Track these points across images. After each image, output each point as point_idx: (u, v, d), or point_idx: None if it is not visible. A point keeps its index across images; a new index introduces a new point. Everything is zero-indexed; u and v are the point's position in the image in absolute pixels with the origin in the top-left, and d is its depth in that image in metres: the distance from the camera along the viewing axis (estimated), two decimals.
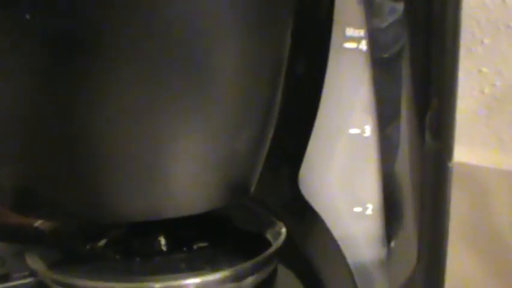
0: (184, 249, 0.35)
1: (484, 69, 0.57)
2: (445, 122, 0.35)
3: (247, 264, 0.31)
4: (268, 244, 0.34)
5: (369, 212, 0.32)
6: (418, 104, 0.34)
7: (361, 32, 0.30)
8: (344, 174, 0.32)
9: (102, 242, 0.35)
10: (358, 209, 0.32)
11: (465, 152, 0.57)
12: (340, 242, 0.33)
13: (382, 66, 0.32)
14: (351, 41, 0.31)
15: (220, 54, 0.27)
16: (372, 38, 0.31)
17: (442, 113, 0.35)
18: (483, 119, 0.58)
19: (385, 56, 0.32)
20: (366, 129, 0.32)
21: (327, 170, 0.32)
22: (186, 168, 0.28)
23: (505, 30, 0.55)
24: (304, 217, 0.33)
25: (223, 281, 0.31)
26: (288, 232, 0.34)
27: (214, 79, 0.27)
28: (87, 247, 0.35)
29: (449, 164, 0.36)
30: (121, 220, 0.30)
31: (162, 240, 0.34)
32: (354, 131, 0.32)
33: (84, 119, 0.27)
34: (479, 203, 0.56)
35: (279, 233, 0.34)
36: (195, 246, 0.35)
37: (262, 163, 0.31)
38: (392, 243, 0.34)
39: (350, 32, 0.30)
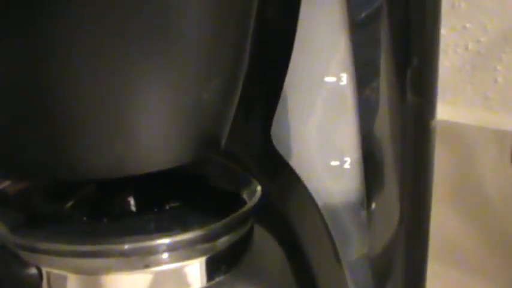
0: (155, 209, 0.33)
1: (468, 25, 0.56)
2: (426, 79, 0.34)
3: (220, 224, 0.30)
4: (243, 203, 0.33)
5: (347, 165, 0.31)
6: (398, 62, 0.33)
7: None
8: (320, 126, 0.31)
9: (69, 204, 0.34)
10: (335, 163, 0.31)
11: (449, 110, 0.57)
12: (315, 193, 0.32)
13: (360, 23, 0.30)
14: None
15: (185, 0, 0.26)
16: None
17: (423, 69, 0.34)
18: (467, 76, 0.57)
19: (363, 15, 0.30)
20: (343, 77, 0.30)
21: (301, 121, 0.31)
22: (151, 121, 0.27)
23: None
24: (278, 172, 0.32)
25: (194, 241, 0.29)
26: (262, 188, 0.32)
27: (180, 26, 0.26)
28: (53, 209, 0.34)
29: (432, 123, 0.35)
30: (82, 178, 0.29)
31: (131, 201, 0.33)
32: (329, 79, 0.30)
33: (44, 72, 0.25)
34: (463, 161, 0.56)
35: (254, 191, 0.33)
36: (166, 206, 0.34)
37: (233, 115, 0.30)
38: (373, 205, 0.33)
39: None
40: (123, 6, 0.24)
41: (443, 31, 0.56)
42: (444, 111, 0.51)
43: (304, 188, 0.31)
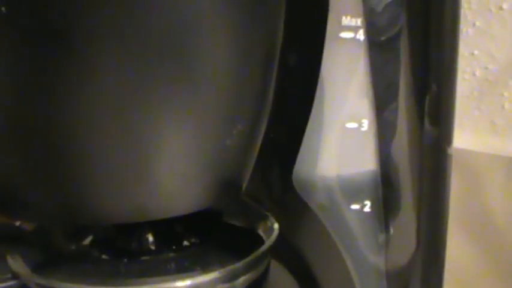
0: (174, 247, 0.33)
1: (476, 52, 0.56)
2: (444, 107, 0.34)
3: (239, 264, 0.30)
4: (260, 239, 0.33)
5: (367, 209, 0.31)
6: (417, 89, 0.33)
7: (358, 21, 0.29)
8: (340, 171, 0.31)
9: (88, 241, 0.34)
10: (355, 207, 0.31)
11: (456, 136, 0.57)
12: (335, 234, 0.32)
13: (379, 50, 0.31)
14: (347, 30, 0.29)
15: (209, 46, 0.26)
16: (369, 20, 0.30)
17: (441, 97, 0.34)
18: (475, 103, 0.57)
19: (383, 39, 0.30)
20: (364, 123, 0.30)
21: (322, 165, 0.31)
22: (174, 167, 0.27)
23: (497, 12, 0.54)
24: (298, 213, 0.32)
25: (214, 282, 0.29)
26: (280, 228, 0.32)
27: (203, 72, 0.26)
28: (72, 247, 0.34)
29: (449, 151, 0.35)
30: (105, 222, 0.29)
31: (150, 238, 0.33)
32: (350, 125, 0.30)
33: (66, 117, 0.25)
34: (471, 188, 0.56)
35: (271, 229, 0.33)
36: (184, 243, 0.34)
37: (254, 160, 0.30)
38: (391, 230, 0.33)
39: (346, 20, 0.29)
40: (148, 53, 0.25)
41: None
42: None
43: (322, 228, 0.31)
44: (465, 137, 0.58)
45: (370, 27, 0.30)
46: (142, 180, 0.27)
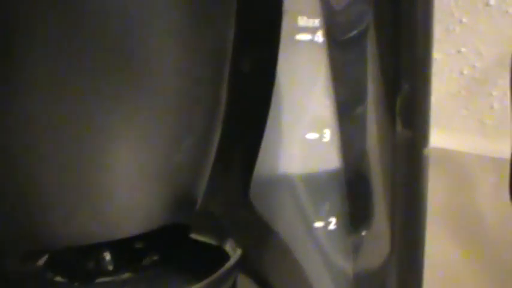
0: (133, 266, 0.31)
1: (463, 50, 0.55)
2: (418, 107, 0.33)
3: (200, 286, 0.28)
4: (226, 256, 0.31)
5: (332, 226, 0.29)
6: (388, 89, 0.31)
7: (316, 22, 0.27)
8: (300, 186, 0.29)
9: (41, 261, 0.32)
10: (319, 224, 0.29)
11: (444, 137, 0.56)
12: (299, 254, 0.30)
13: (342, 50, 0.29)
14: (304, 32, 0.27)
15: (155, 52, 0.24)
16: (329, 19, 0.28)
17: (415, 98, 0.32)
18: (463, 102, 0.56)
19: (346, 38, 0.29)
20: (326, 133, 0.28)
21: (282, 181, 0.29)
22: (120, 185, 0.25)
23: (484, 8, 0.53)
24: (258, 232, 0.30)
25: None
26: (243, 247, 0.30)
27: (149, 81, 0.24)
28: (24, 268, 0.32)
29: (425, 152, 0.33)
30: (54, 247, 0.27)
31: (108, 258, 0.31)
32: (311, 136, 0.28)
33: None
34: (459, 189, 0.55)
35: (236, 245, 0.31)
36: (145, 261, 0.32)
37: (207, 175, 0.28)
38: (363, 233, 0.31)
39: (303, 21, 0.27)
40: (90, 60, 0.23)
41: (438, 56, 0.55)
42: (439, 138, 0.50)
43: (284, 247, 0.29)
44: (453, 138, 0.57)
45: (331, 26, 0.28)
46: (85, 200, 0.25)
